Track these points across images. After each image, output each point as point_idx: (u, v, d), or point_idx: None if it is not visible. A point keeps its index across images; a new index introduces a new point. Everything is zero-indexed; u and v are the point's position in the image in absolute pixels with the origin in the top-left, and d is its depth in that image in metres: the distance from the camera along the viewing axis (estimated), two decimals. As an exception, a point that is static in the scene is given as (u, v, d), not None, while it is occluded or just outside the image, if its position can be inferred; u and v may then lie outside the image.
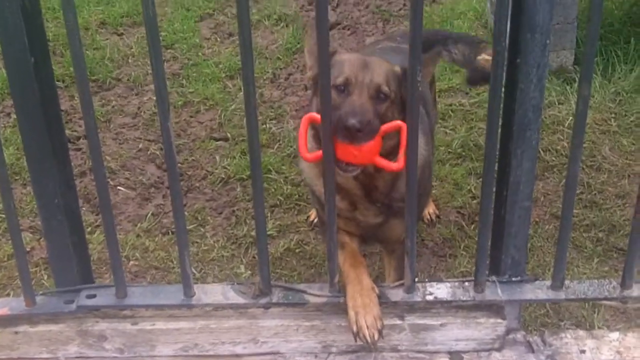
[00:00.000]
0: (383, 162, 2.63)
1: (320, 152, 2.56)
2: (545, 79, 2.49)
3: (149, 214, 4.32)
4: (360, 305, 2.69)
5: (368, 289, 2.74)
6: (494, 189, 2.64)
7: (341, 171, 2.65)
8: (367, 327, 2.65)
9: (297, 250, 4.02)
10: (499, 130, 2.55)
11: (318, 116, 2.54)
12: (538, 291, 2.73)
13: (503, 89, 2.47)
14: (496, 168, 2.61)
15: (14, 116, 5.11)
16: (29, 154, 2.63)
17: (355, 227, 3.07)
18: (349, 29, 6.39)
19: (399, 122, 2.62)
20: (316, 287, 2.77)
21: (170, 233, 4.15)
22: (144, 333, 2.76)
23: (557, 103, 5.12)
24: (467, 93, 5.27)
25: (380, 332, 2.65)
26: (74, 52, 2.38)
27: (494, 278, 2.75)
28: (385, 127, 2.63)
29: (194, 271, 3.85)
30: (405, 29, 4.22)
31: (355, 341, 2.66)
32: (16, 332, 2.77)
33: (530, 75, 2.45)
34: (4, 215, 4.22)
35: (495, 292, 2.72)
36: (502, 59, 2.37)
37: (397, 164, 2.61)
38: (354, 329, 2.66)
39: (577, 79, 5.13)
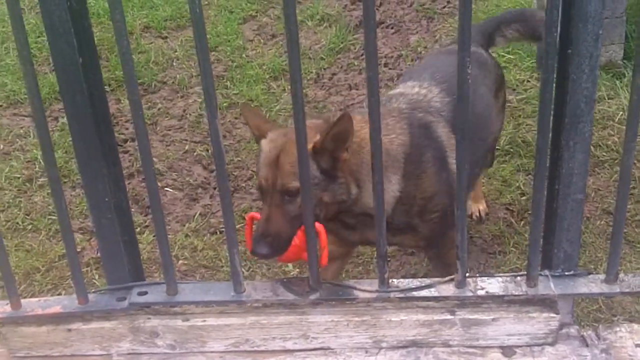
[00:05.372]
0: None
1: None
2: (597, 70, 2.44)
3: (197, 214, 4.36)
4: None
5: None
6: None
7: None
8: None
9: (344, 248, 4.00)
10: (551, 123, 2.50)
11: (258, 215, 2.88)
12: (592, 285, 2.68)
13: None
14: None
15: (62, 120, 5.19)
16: (79, 154, 2.65)
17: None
18: (392, 28, 6.37)
19: (316, 227, 2.69)
20: (366, 283, 2.76)
21: (218, 232, 4.17)
22: (195, 329, 2.77)
23: (606, 98, 5.05)
24: (514, 89, 5.22)
25: None
26: (121, 51, 2.39)
27: (546, 272, 2.70)
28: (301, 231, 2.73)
29: (242, 270, 3.86)
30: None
31: None
32: (69, 330, 2.80)
33: (582, 65, 2.41)
34: (54, 217, 4.32)
35: (548, 287, 2.67)
36: (553, 50, 2.33)
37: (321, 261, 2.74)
38: None
39: (626, 74, 5.05)
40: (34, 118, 2.55)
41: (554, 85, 2.44)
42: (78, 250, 4.07)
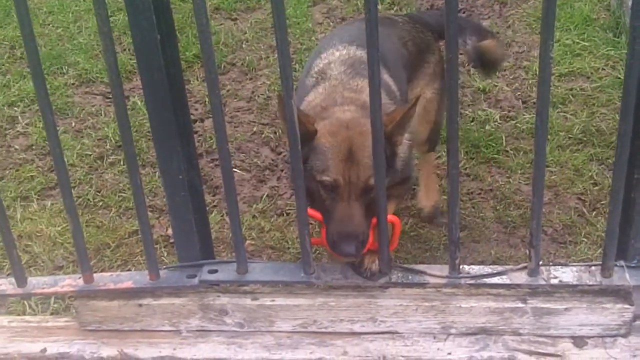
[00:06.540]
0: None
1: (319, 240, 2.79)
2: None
3: (264, 196, 4.37)
4: None
5: None
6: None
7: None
8: None
9: (411, 234, 3.98)
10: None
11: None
12: (669, 277, 2.63)
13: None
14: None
15: (132, 99, 5.25)
16: (155, 131, 2.69)
17: None
18: (464, 12, 6.27)
19: (390, 218, 2.69)
20: (436, 269, 2.74)
21: (285, 214, 4.18)
22: (263, 308, 2.79)
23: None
24: (588, 77, 5.10)
25: None
26: (200, 28, 2.42)
27: (622, 263, 2.65)
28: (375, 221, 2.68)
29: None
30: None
31: None
32: (140, 305, 2.84)
33: (668, 52, 2.34)
34: (124, 194, 4.38)
35: (623, 277, 2.62)
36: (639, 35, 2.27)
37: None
38: None
39: None
40: (111, 92, 2.59)
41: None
42: (147, 227, 4.12)
